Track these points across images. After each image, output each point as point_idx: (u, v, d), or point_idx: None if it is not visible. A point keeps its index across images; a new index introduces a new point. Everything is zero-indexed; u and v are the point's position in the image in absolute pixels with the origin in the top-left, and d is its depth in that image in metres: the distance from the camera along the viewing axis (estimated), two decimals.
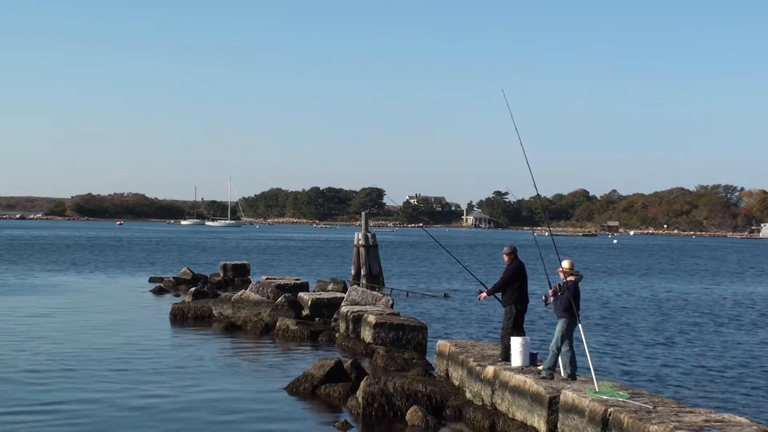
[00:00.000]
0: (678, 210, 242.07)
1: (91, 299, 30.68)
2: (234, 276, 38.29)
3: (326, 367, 15.10)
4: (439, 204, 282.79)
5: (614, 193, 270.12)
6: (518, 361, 13.19)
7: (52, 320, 24.35)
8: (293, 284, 29.86)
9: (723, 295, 39.13)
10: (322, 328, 22.21)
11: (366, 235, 35.09)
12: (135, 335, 21.65)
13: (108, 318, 25.19)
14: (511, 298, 13.77)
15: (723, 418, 10.07)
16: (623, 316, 29.17)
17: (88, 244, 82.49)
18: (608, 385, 11.45)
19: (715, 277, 54.26)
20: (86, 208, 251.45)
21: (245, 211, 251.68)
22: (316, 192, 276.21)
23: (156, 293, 33.67)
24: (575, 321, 12.46)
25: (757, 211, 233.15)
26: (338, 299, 24.63)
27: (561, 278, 12.64)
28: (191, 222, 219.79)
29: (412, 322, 20.03)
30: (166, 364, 17.58)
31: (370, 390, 13.39)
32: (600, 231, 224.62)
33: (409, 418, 12.92)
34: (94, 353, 18.60)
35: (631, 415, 9.91)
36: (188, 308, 25.62)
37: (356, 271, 35.14)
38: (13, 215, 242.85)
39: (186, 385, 15.44)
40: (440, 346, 15.99)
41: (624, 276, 52.49)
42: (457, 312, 28.88)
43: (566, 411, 11.05)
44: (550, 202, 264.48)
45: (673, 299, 36.37)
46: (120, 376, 16.15)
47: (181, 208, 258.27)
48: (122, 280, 40.59)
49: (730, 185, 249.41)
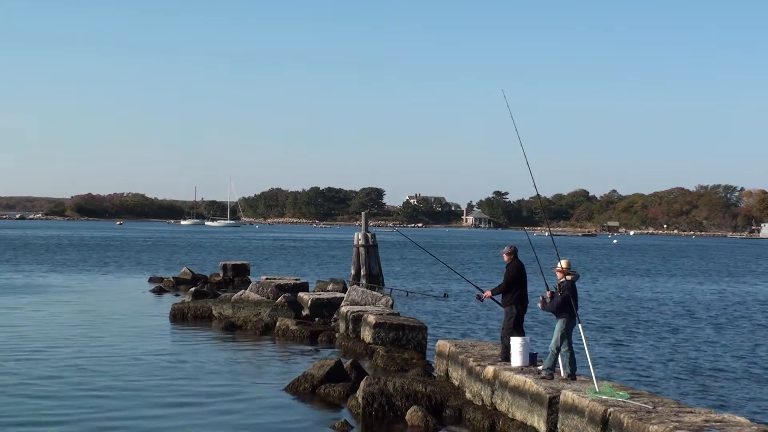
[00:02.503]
0: (678, 210, 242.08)
1: (91, 299, 30.67)
2: (234, 276, 38.29)
3: (326, 367, 15.10)
4: (439, 204, 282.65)
5: (614, 193, 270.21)
6: (518, 361, 13.19)
7: (51, 320, 24.34)
8: (293, 284, 29.88)
9: (723, 295, 39.13)
10: (322, 328, 22.21)
11: (366, 235, 35.10)
12: (135, 335, 21.65)
13: (108, 318, 25.18)
14: (512, 298, 13.76)
15: (723, 418, 10.07)
16: (623, 315, 29.17)
17: (88, 244, 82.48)
18: (608, 385, 11.44)
19: (714, 277, 54.28)
20: (86, 208, 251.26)
21: (245, 211, 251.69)
22: (315, 192, 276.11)
23: (156, 293, 33.67)
24: (574, 320, 12.46)
25: (757, 211, 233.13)
26: (338, 299, 24.64)
27: (558, 277, 12.65)
28: (191, 222, 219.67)
29: (412, 322, 20.04)
30: (166, 363, 17.58)
31: (370, 390, 13.39)
32: (600, 231, 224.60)
33: (409, 419, 12.92)
34: (94, 353, 18.60)
35: (631, 415, 9.91)
36: (188, 308, 25.63)
37: (356, 271, 35.16)
38: (13, 215, 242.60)
39: (186, 385, 15.45)
40: (440, 346, 15.99)
41: (624, 276, 52.50)
42: (457, 312, 28.88)
43: (566, 411, 11.05)
44: (550, 202, 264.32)
45: (673, 299, 36.37)
46: (120, 376, 16.15)
47: (181, 208, 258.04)
48: (122, 280, 40.59)
49: (730, 185, 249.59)
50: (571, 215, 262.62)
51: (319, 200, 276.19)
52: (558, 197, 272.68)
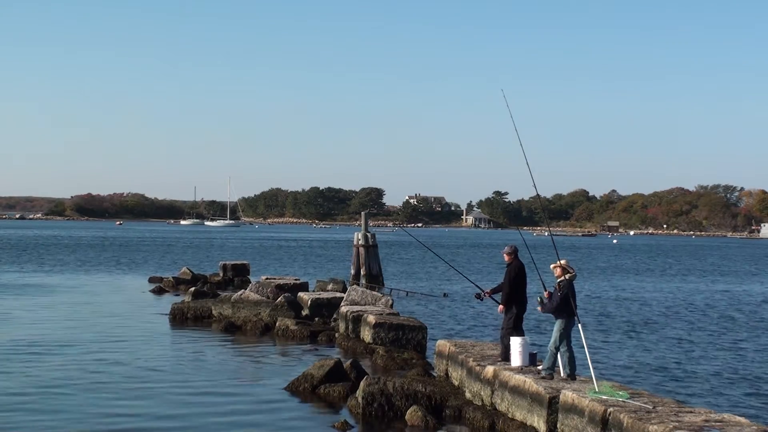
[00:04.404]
0: (678, 210, 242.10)
1: (91, 299, 30.67)
2: (234, 276, 38.29)
3: (326, 367, 15.10)
4: (439, 204, 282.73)
5: (614, 193, 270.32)
6: (518, 361, 13.19)
7: (51, 320, 24.33)
8: (293, 284, 29.86)
9: (723, 295, 39.13)
10: (321, 328, 22.21)
11: (366, 235, 35.10)
12: (134, 335, 21.65)
13: (108, 318, 25.17)
14: (512, 298, 13.76)
15: (723, 418, 10.07)
16: (623, 315, 29.16)
17: (88, 244, 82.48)
18: (608, 385, 11.45)
19: (714, 276, 54.27)
20: (86, 208, 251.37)
21: (245, 211, 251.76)
22: (315, 192, 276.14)
23: (156, 293, 33.67)
24: (573, 320, 12.46)
25: (757, 211, 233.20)
26: (338, 299, 24.63)
27: (556, 275, 12.62)
28: (191, 222, 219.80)
29: (412, 322, 20.04)
30: (166, 364, 17.57)
31: (369, 390, 13.39)
32: (600, 231, 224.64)
33: (409, 418, 12.92)
34: (94, 353, 18.60)
35: (630, 415, 9.91)
36: (188, 308, 25.62)
37: (356, 271, 35.15)
38: (13, 215, 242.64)
39: (185, 385, 15.44)
40: (440, 346, 15.99)
41: (623, 275, 52.50)
42: (457, 312, 28.88)
43: (566, 411, 11.05)
44: (550, 202, 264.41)
45: (673, 299, 36.37)
46: (120, 376, 16.14)
47: (181, 208, 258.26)
48: (122, 280, 40.60)
49: (730, 185, 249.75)
50: (571, 215, 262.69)
51: (319, 200, 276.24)
52: (558, 197, 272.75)
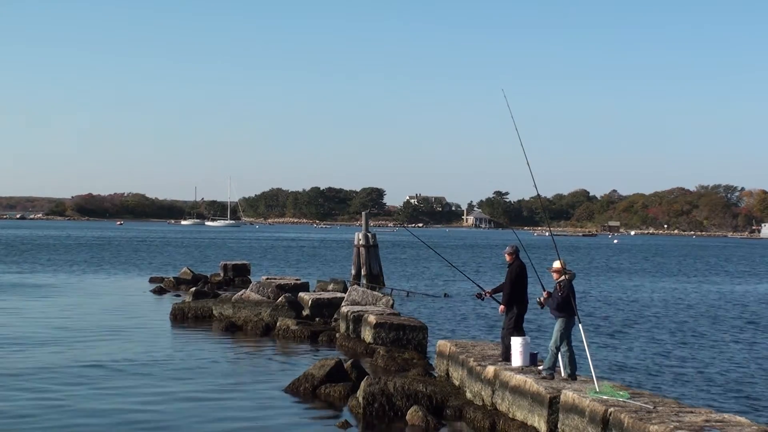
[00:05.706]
0: (678, 210, 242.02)
1: (91, 299, 30.67)
2: (234, 276, 38.31)
3: (326, 367, 15.11)
4: (439, 204, 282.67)
5: (614, 193, 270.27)
6: (518, 361, 13.19)
7: (50, 320, 24.34)
8: (293, 284, 29.88)
9: (722, 295, 39.13)
10: (322, 328, 22.21)
11: (366, 235, 35.11)
12: (135, 335, 21.65)
13: (108, 318, 25.17)
14: (512, 298, 13.76)
15: (723, 418, 10.07)
16: (623, 315, 29.17)
17: (88, 244, 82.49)
18: (608, 385, 11.45)
19: (713, 276, 54.27)
20: (86, 208, 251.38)
21: (245, 211, 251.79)
22: (316, 192, 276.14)
23: (156, 293, 33.67)
24: (574, 320, 12.47)
25: (758, 211, 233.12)
26: (338, 299, 24.64)
27: (554, 278, 12.64)
28: (191, 222, 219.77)
29: (413, 322, 20.04)
30: (166, 364, 17.58)
31: (370, 390, 13.40)
32: (600, 231, 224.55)
33: (410, 418, 12.92)
34: (94, 353, 18.61)
35: (631, 415, 9.92)
36: (188, 308, 25.63)
37: (357, 271, 35.16)
38: (13, 215, 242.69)
39: (185, 385, 15.44)
40: (440, 346, 15.99)
41: (623, 275, 52.49)
42: (458, 312, 28.88)
43: (566, 411, 11.06)
44: (551, 202, 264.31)
45: (673, 299, 36.37)
46: (120, 376, 16.16)
47: (181, 208, 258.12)
48: (122, 280, 40.60)
49: (730, 185, 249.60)
50: (571, 215, 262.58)
51: (320, 200, 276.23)
52: (558, 197, 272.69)
